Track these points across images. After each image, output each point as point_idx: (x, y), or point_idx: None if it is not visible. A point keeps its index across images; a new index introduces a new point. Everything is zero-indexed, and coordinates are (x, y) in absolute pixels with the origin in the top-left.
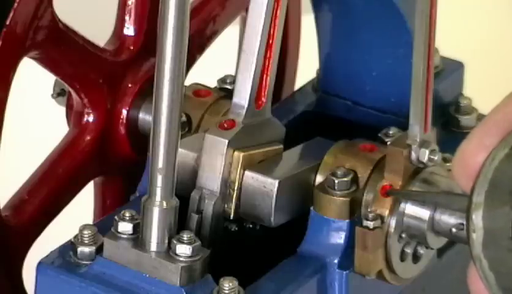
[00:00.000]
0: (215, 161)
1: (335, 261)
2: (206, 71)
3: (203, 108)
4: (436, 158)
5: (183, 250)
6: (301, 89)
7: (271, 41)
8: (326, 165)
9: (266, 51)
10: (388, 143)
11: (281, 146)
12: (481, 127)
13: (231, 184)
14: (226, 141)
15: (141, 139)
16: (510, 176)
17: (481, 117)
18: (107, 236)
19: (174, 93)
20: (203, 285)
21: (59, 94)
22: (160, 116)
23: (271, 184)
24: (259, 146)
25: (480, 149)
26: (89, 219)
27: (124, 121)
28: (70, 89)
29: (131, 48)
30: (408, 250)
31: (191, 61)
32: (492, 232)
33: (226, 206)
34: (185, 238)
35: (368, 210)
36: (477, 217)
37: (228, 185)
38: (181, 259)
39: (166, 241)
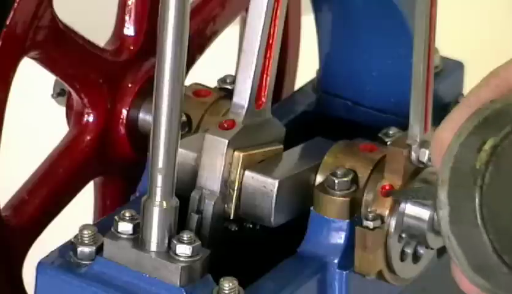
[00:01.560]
0: (215, 161)
1: (335, 261)
2: (206, 71)
3: (203, 108)
4: None
5: (183, 250)
6: (301, 89)
7: (271, 41)
8: (326, 165)
9: (266, 51)
10: (388, 143)
11: (281, 146)
12: (456, 109)
13: (231, 184)
14: (226, 141)
15: (141, 139)
16: (474, 152)
17: None
18: (107, 236)
19: (174, 93)
20: (203, 285)
21: (59, 94)
22: (160, 116)
23: (271, 184)
24: (259, 146)
25: (453, 130)
26: (89, 219)
27: (124, 121)
28: (70, 89)
29: (131, 48)
30: (408, 250)
31: (191, 61)
32: (457, 208)
33: (226, 206)
34: (185, 238)
35: (368, 210)
36: (442, 193)
37: (228, 185)
38: (181, 259)
39: (166, 241)
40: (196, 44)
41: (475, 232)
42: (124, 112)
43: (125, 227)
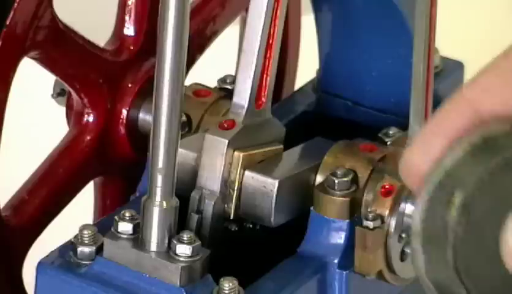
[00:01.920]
0: (215, 161)
1: (335, 261)
2: (206, 71)
3: (203, 108)
4: None
5: (183, 250)
6: (301, 89)
7: (271, 41)
8: (326, 165)
9: (266, 51)
10: (388, 143)
11: (281, 146)
12: (426, 130)
13: (231, 184)
14: (226, 141)
15: (141, 139)
16: (443, 206)
17: None
18: (107, 236)
19: (174, 93)
20: (203, 285)
21: (59, 94)
22: (160, 116)
23: (271, 184)
24: (259, 146)
25: (421, 153)
26: (89, 219)
27: (124, 121)
28: (70, 89)
29: (131, 48)
30: (408, 250)
31: (191, 61)
32: (432, 260)
33: (226, 206)
34: (185, 238)
35: (369, 210)
36: (416, 244)
37: (228, 185)
38: (181, 259)
39: (166, 241)
40: (196, 44)
41: (452, 282)
42: (124, 112)
43: (125, 227)
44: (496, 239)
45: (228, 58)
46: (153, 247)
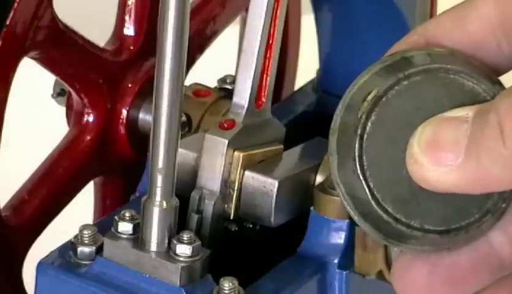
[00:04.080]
0: (215, 161)
1: (335, 261)
2: (206, 71)
3: (203, 108)
4: None
5: (183, 250)
6: (301, 89)
7: (271, 41)
8: (326, 165)
9: (266, 51)
10: None
11: (281, 146)
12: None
13: (231, 184)
14: (226, 141)
15: (141, 139)
16: (360, 102)
17: None
18: (107, 236)
19: (174, 93)
20: (203, 285)
21: (59, 94)
22: (160, 116)
23: (271, 184)
24: (259, 146)
25: None
26: (89, 219)
27: (124, 121)
28: (70, 89)
29: (131, 48)
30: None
31: (191, 61)
32: (342, 157)
33: (226, 206)
34: (185, 238)
35: None
36: (332, 141)
37: (228, 185)
38: (181, 259)
39: (166, 241)
40: (196, 44)
41: (357, 181)
42: (124, 112)
43: (125, 227)
44: (406, 145)
45: (228, 58)
46: (153, 247)
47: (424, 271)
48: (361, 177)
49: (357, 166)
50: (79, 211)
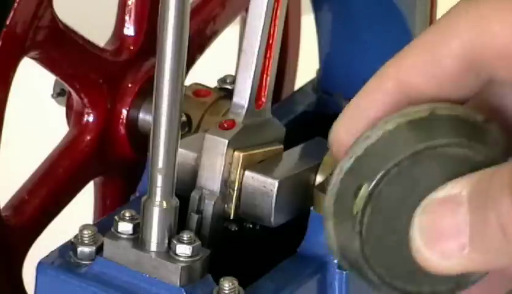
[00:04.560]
0: (215, 161)
1: (335, 261)
2: (206, 71)
3: (203, 108)
4: None
5: (183, 250)
6: (301, 89)
7: (271, 41)
8: (326, 165)
9: (266, 51)
10: None
11: (281, 146)
12: (348, 107)
13: (231, 184)
14: (226, 141)
15: (141, 139)
16: (351, 195)
17: None
18: (107, 236)
19: (174, 93)
20: (203, 285)
21: (59, 94)
22: (160, 116)
23: (271, 184)
24: (259, 146)
25: (345, 129)
26: (89, 219)
27: (124, 121)
28: (70, 89)
29: (131, 48)
30: None
31: (191, 61)
32: (343, 243)
33: (226, 206)
34: (185, 238)
35: None
36: (329, 226)
37: (228, 185)
38: (181, 259)
39: (166, 241)
40: (196, 44)
41: (362, 267)
42: (124, 112)
43: (125, 227)
44: (405, 227)
45: (228, 58)
46: (153, 247)
47: None
48: (366, 266)
49: (361, 257)
50: (79, 211)
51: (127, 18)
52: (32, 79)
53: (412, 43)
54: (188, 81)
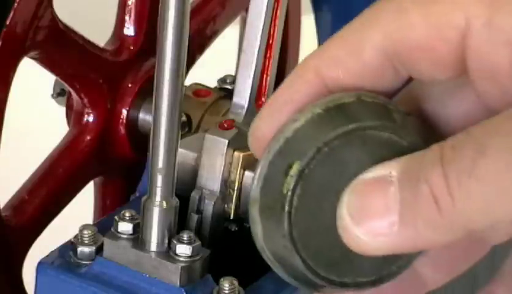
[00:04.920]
0: (215, 161)
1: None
2: (206, 71)
3: (203, 108)
4: None
5: (183, 250)
6: None
7: (271, 41)
8: None
9: (266, 51)
10: None
11: None
12: (271, 99)
13: (231, 184)
14: (226, 141)
15: (141, 139)
16: (281, 175)
17: None
18: (107, 236)
19: (174, 93)
20: (202, 285)
21: (59, 94)
22: (160, 116)
23: None
24: None
25: (265, 123)
26: (89, 219)
27: (124, 121)
28: (70, 89)
29: (131, 48)
30: None
31: (191, 61)
32: (269, 228)
33: (226, 206)
34: (185, 238)
35: None
36: (254, 211)
37: (228, 185)
38: (181, 259)
39: (166, 241)
40: (196, 44)
41: (289, 253)
42: (124, 112)
43: (125, 227)
44: (333, 211)
45: (228, 58)
46: (153, 247)
47: None
48: (294, 251)
49: (289, 241)
50: (79, 211)
51: (127, 18)
52: (32, 79)
53: (334, 36)
54: (188, 81)
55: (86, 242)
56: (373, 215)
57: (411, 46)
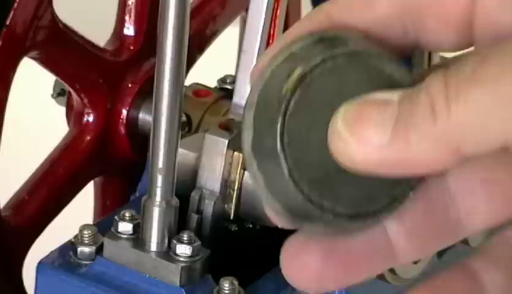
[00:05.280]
0: (215, 161)
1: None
2: (206, 71)
3: (203, 108)
4: None
5: (183, 250)
6: None
7: (270, 41)
8: None
9: None
10: None
11: None
12: (278, 39)
13: (231, 184)
14: (226, 141)
15: (141, 139)
16: (283, 79)
17: None
18: (107, 236)
19: (174, 93)
20: (203, 285)
21: (59, 94)
22: (160, 116)
23: None
24: None
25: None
26: (89, 219)
27: (124, 121)
28: (70, 89)
29: (131, 48)
30: None
31: (191, 61)
32: (260, 132)
33: (226, 206)
34: (185, 238)
35: None
36: (248, 116)
37: (228, 185)
38: (181, 259)
39: (166, 241)
40: (196, 44)
41: (275, 158)
42: (124, 112)
43: (125, 227)
44: (327, 128)
45: (228, 58)
46: (153, 247)
47: (318, 256)
48: (281, 155)
49: (278, 143)
50: (79, 211)
51: (127, 18)
52: (32, 79)
53: None
54: (188, 81)
55: (86, 242)
56: (367, 124)
57: (421, 2)
